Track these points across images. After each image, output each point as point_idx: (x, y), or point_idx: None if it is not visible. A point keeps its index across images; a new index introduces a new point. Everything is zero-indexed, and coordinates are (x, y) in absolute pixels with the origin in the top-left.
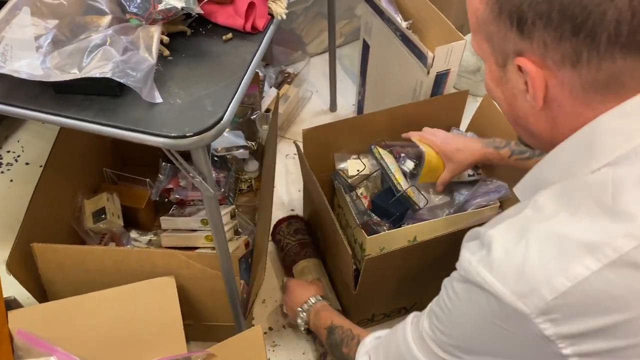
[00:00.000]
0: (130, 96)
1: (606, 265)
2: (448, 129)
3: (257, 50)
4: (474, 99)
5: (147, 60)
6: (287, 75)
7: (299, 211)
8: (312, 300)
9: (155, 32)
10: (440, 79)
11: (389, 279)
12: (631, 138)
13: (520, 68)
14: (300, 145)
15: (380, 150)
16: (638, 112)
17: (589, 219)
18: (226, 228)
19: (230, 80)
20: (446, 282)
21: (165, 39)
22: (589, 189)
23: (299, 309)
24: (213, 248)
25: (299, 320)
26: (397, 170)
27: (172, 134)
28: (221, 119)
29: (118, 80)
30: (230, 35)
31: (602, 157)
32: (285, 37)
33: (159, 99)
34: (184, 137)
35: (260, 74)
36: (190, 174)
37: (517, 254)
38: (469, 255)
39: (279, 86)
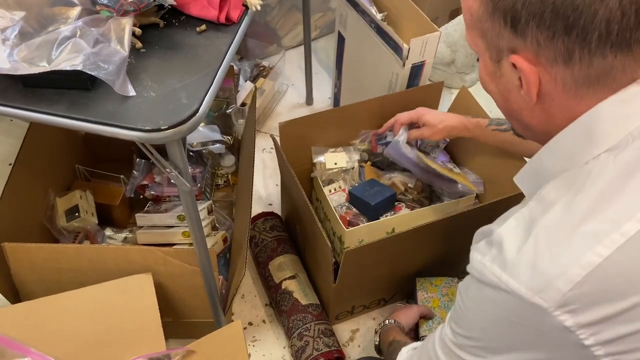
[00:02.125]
0: (102, 89)
1: (616, 250)
2: None
3: (232, 42)
4: (448, 91)
5: (119, 53)
6: (262, 68)
7: (277, 205)
8: (388, 322)
9: (127, 24)
10: (416, 70)
11: (369, 270)
12: (630, 123)
13: (514, 65)
14: (277, 139)
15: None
16: (636, 98)
17: (594, 206)
18: (203, 224)
19: (205, 72)
20: (460, 286)
21: (138, 31)
22: (590, 176)
23: (377, 327)
24: (191, 244)
25: (375, 337)
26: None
27: (147, 128)
28: (197, 111)
29: (89, 73)
30: (204, 26)
31: (602, 144)
32: (260, 30)
33: (132, 92)
34: (159, 130)
35: (235, 67)
36: (167, 169)
37: (528, 250)
38: (479, 257)
39: (254, 80)
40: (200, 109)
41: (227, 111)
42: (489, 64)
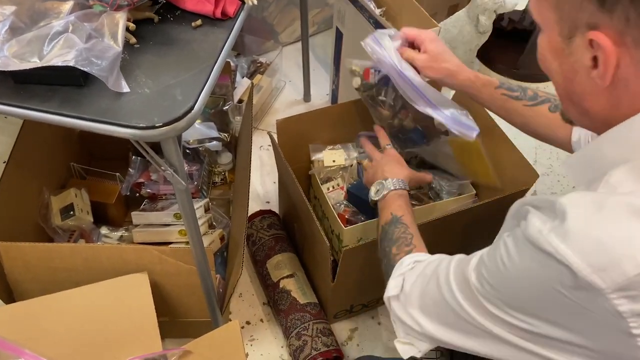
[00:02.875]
0: (95, 86)
1: None
2: None
3: (228, 37)
4: (447, 89)
5: (112, 48)
6: (259, 65)
7: (275, 203)
8: (399, 183)
9: (121, 18)
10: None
11: (368, 269)
12: None
13: (591, 42)
14: (275, 136)
15: None
16: None
17: None
18: (200, 222)
19: (201, 68)
20: (508, 243)
21: (132, 26)
22: None
23: (382, 180)
24: (187, 242)
25: (372, 192)
26: None
27: (141, 125)
28: (192, 108)
29: (82, 69)
30: (199, 21)
31: None
32: (257, 26)
33: (126, 89)
34: (154, 127)
35: (232, 63)
36: (162, 167)
37: (597, 224)
38: (539, 224)
39: (251, 76)
40: (196, 106)
41: (224, 108)
42: (556, 39)
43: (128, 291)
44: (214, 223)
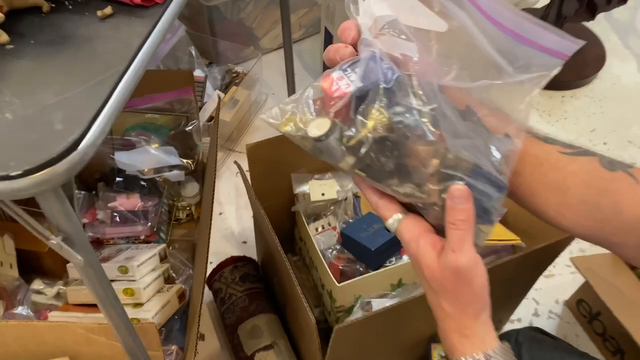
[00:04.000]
0: None
1: None
2: None
3: (151, 32)
4: None
5: None
6: (235, 75)
7: (254, 243)
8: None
9: None
10: None
11: (369, 343)
12: None
13: None
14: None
15: None
16: None
17: None
18: (153, 276)
19: (101, 79)
20: None
21: (0, 16)
22: None
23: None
24: (135, 305)
25: None
26: None
27: None
28: (78, 142)
29: None
30: (109, 9)
31: None
32: (233, 30)
33: None
34: (8, 178)
35: (201, 73)
36: (44, 234)
37: None
38: None
39: (225, 88)
40: (86, 138)
41: (187, 128)
42: None
43: None
44: (172, 275)
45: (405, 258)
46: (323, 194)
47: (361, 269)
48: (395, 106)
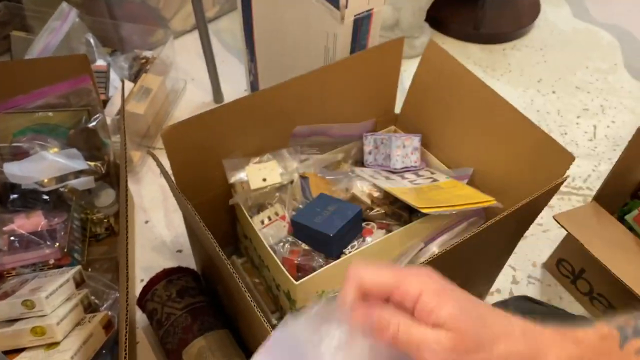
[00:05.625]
0: None
1: None
2: (383, 101)
3: None
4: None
5: None
6: (144, 61)
7: (189, 251)
8: None
9: None
10: (361, 24)
11: None
12: None
13: None
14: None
15: None
16: None
17: None
18: (68, 307)
19: None
20: None
21: None
22: None
23: None
24: (49, 346)
25: None
26: None
27: None
28: None
29: None
30: None
31: None
32: (137, 12)
33: None
34: None
35: (103, 62)
36: None
37: None
38: None
39: (135, 78)
40: None
41: (90, 125)
42: None
43: None
44: (94, 301)
45: (369, 239)
46: (264, 180)
47: (320, 260)
48: None
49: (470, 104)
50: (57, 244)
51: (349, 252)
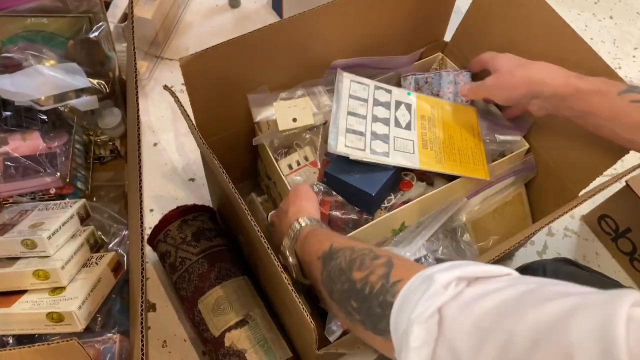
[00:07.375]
0: None
1: None
2: (433, 26)
3: None
4: None
5: None
6: None
7: (203, 180)
8: (298, 224)
9: None
10: None
11: None
12: None
13: None
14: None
15: None
16: None
17: None
18: (73, 247)
19: None
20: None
21: None
22: None
23: (282, 245)
24: (53, 290)
25: (290, 262)
26: None
27: None
28: None
29: None
30: None
31: None
32: None
33: None
34: None
35: None
36: None
37: None
38: None
39: None
40: None
41: (92, 35)
42: None
43: None
44: (101, 237)
45: (407, 194)
46: (294, 120)
47: (354, 214)
48: None
49: (536, 33)
50: (58, 173)
51: (387, 210)
